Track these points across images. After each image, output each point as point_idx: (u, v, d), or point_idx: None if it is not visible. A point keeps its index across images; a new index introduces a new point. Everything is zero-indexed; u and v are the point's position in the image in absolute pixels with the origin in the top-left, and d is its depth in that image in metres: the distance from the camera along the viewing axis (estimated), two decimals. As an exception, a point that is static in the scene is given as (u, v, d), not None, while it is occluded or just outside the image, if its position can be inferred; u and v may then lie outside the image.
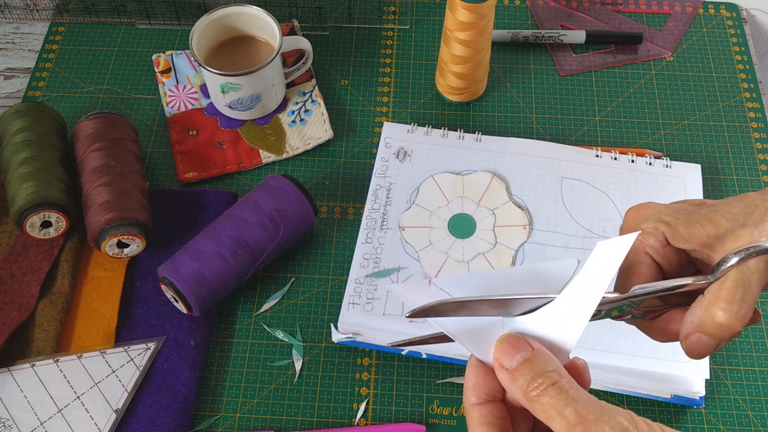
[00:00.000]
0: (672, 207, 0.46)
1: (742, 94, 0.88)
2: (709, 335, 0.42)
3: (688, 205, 0.46)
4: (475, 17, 0.76)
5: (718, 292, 0.42)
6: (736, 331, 0.42)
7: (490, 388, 0.41)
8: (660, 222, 0.45)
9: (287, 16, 0.92)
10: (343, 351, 0.72)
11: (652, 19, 0.94)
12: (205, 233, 0.71)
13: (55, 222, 0.72)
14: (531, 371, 0.38)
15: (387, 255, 0.74)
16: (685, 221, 0.44)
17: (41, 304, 0.71)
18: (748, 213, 0.43)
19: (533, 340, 0.40)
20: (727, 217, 0.43)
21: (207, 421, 0.68)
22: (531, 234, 0.76)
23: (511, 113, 0.87)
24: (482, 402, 0.40)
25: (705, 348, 0.43)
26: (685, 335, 0.44)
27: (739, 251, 0.42)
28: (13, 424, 0.66)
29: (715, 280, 0.42)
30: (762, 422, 0.68)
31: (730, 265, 0.42)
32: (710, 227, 0.43)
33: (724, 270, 0.42)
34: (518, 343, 0.40)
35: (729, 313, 0.41)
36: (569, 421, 0.36)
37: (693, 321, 0.43)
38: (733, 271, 0.42)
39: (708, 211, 0.44)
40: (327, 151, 0.84)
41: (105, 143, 0.75)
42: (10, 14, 0.93)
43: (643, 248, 0.46)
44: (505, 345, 0.40)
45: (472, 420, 0.40)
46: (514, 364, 0.39)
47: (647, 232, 0.45)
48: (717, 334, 0.42)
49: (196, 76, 0.88)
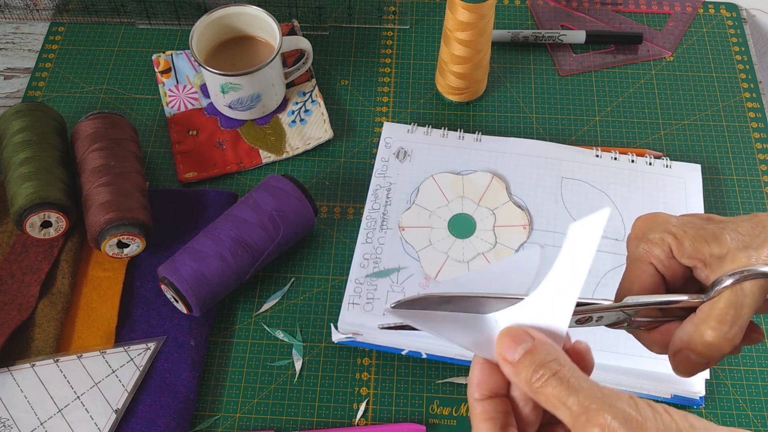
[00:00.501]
0: (681, 219, 0.46)
1: (742, 94, 0.88)
2: (697, 353, 0.43)
3: (698, 219, 0.46)
4: (475, 17, 0.76)
5: (710, 312, 0.42)
6: (724, 351, 0.42)
7: (493, 384, 0.41)
8: (667, 233, 0.45)
9: (287, 16, 0.92)
10: (343, 351, 0.72)
11: (652, 19, 0.94)
12: (205, 233, 0.71)
13: (55, 222, 0.72)
14: (533, 363, 0.38)
15: (387, 255, 0.74)
16: (692, 236, 0.44)
17: (41, 304, 0.71)
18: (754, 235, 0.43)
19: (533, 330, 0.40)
20: (733, 237, 0.43)
21: (207, 421, 0.68)
22: (531, 234, 0.76)
23: (511, 113, 0.87)
24: (485, 398, 0.41)
25: (692, 366, 0.43)
26: (674, 351, 0.44)
27: (734, 273, 0.42)
28: (13, 424, 0.66)
29: (708, 300, 0.43)
30: (762, 422, 0.68)
31: (724, 286, 0.42)
32: (714, 246, 0.43)
33: (718, 290, 0.42)
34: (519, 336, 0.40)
35: (718, 332, 0.41)
36: (572, 411, 0.36)
37: (682, 338, 0.43)
38: (727, 292, 0.42)
39: (715, 228, 0.44)
40: (327, 151, 0.84)
41: (105, 143, 0.75)
42: (10, 14, 0.93)
43: (648, 257, 0.46)
44: (506, 339, 0.40)
45: (476, 415, 0.40)
46: (517, 357, 0.39)
47: (653, 242, 0.45)
48: (705, 352, 0.42)
49: (196, 76, 0.88)
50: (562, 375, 0.37)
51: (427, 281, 0.73)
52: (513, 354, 0.39)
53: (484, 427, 0.40)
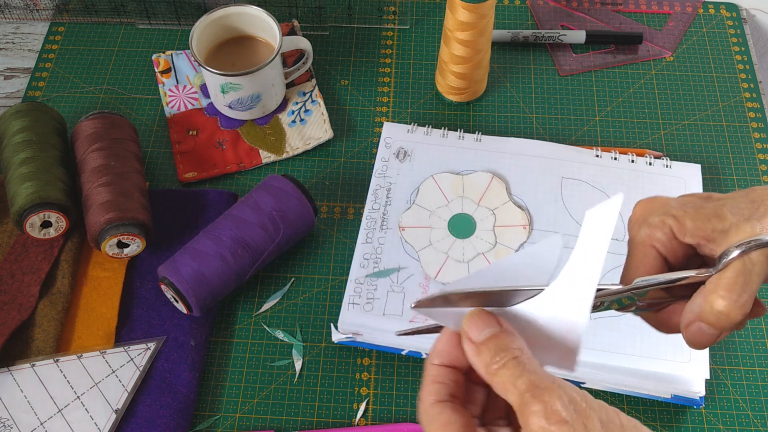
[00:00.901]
0: (680, 200, 0.47)
1: (742, 94, 0.88)
2: (709, 324, 0.43)
3: (696, 199, 0.46)
4: (475, 17, 0.76)
5: (719, 281, 0.43)
6: (736, 320, 0.42)
7: (454, 357, 0.42)
8: (668, 215, 0.46)
9: (287, 16, 0.92)
10: (343, 351, 0.72)
11: (652, 19, 0.95)
12: (205, 233, 0.71)
13: (55, 222, 0.72)
14: (495, 346, 0.40)
15: (387, 255, 0.74)
16: (692, 215, 0.45)
17: (41, 304, 0.71)
18: (753, 208, 0.43)
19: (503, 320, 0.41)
20: (733, 212, 0.44)
21: (207, 421, 0.68)
22: (531, 234, 0.76)
23: (511, 113, 0.87)
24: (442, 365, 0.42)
25: (706, 338, 0.44)
26: (686, 324, 0.44)
27: (741, 244, 0.42)
28: (13, 424, 0.66)
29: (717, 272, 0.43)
30: (762, 422, 0.68)
31: (732, 258, 0.42)
32: (716, 222, 0.44)
33: (726, 262, 0.43)
34: (488, 319, 0.41)
35: (728, 300, 0.42)
36: (520, 390, 0.37)
37: (693, 310, 0.44)
38: (735, 262, 0.42)
39: (715, 206, 0.45)
40: (327, 151, 0.84)
41: (105, 143, 0.75)
42: (10, 14, 0.93)
43: (650, 241, 0.46)
44: (475, 319, 0.41)
45: (426, 377, 0.42)
46: (481, 338, 0.40)
47: (654, 225, 0.46)
48: (717, 322, 0.43)
49: (196, 76, 0.88)
50: (520, 359, 0.39)
51: (427, 281, 0.73)
52: (478, 335, 0.40)
53: (431, 389, 0.41)
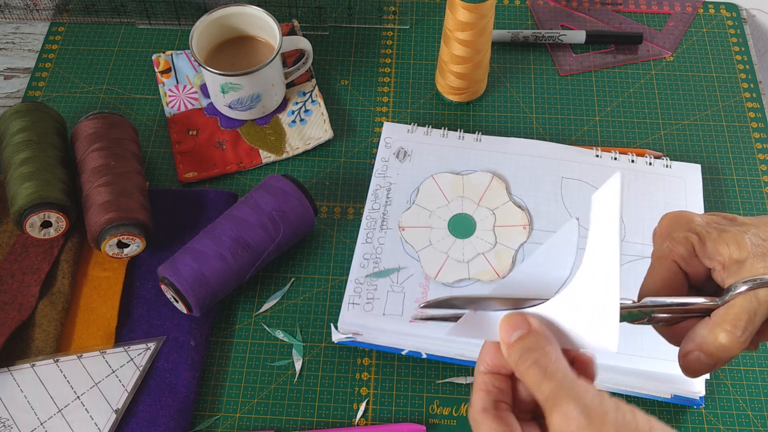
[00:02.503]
0: (706, 218, 0.48)
1: (742, 94, 0.88)
2: (708, 354, 0.45)
3: (721, 219, 0.48)
4: (475, 17, 0.76)
5: (725, 316, 0.44)
6: (734, 354, 0.44)
7: (498, 362, 0.45)
8: (692, 232, 0.47)
9: (287, 16, 0.92)
10: (343, 351, 0.72)
11: (652, 19, 0.95)
12: (205, 233, 0.71)
13: (55, 222, 0.72)
14: (522, 347, 0.42)
15: (387, 255, 0.74)
16: (714, 238, 0.46)
17: (41, 304, 0.71)
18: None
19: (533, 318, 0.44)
20: (754, 241, 0.45)
21: (207, 421, 0.68)
22: (531, 234, 0.76)
23: (511, 113, 0.87)
24: (488, 372, 0.45)
25: (702, 367, 0.46)
26: (685, 352, 0.46)
27: (748, 281, 0.44)
28: (13, 424, 0.66)
29: (723, 304, 0.45)
30: (762, 422, 0.68)
31: (740, 292, 0.44)
32: (734, 249, 0.45)
33: (732, 295, 0.44)
34: (518, 321, 0.44)
35: (732, 336, 0.44)
36: (545, 395, 0.41)
37: (695, 339, 0.45)
38: (742, 298, 0.44)
39: (737, 231, 0.46)
40: (327, 151, 0.84)
41: (105, 143, 0.75)
42: (10, 14, 0.93)
43: (671, 255, 0.48)
44: (506, 323, 0.44)
45: (475, 385, 0.45)
46: (512, 340, 0.43)
47: (677, 241, 0.47)
48: (716, 354, 0.44)
49: (196, 76, 0.88)
50: (541, 363, 0.41)
51: (427, 281, 0.73)
52: (509, 337, 0.43)
53: (479, 396, 0.44)
